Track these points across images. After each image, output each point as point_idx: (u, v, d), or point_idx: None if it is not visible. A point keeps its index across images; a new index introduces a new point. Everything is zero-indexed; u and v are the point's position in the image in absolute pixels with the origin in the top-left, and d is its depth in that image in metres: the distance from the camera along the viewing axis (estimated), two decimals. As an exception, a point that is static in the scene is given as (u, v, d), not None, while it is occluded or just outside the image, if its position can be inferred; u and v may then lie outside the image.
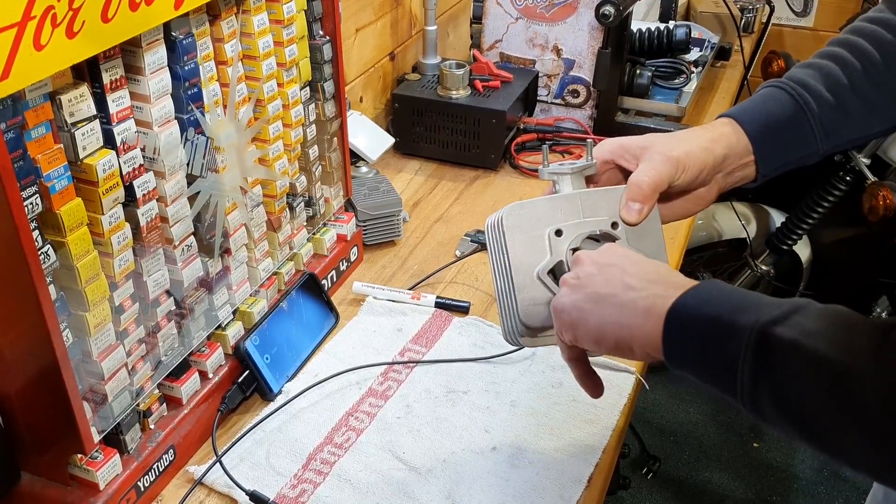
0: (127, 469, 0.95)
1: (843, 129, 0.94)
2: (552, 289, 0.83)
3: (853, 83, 0.93)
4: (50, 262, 0.80)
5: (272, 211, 1.16)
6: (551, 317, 0.82)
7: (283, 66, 1.12)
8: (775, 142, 0.92)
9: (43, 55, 0.73)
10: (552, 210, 0.86)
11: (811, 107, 0.92)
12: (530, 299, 0.84)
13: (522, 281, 0.84)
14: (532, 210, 0.86)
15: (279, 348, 1.16)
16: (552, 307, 0.81)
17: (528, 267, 0.84)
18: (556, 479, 1.02)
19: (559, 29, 1.74)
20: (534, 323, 0.84)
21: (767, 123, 0.92)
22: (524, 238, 0.85)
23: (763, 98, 0.94)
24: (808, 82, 0.93)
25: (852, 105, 0.93)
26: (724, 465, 2.53)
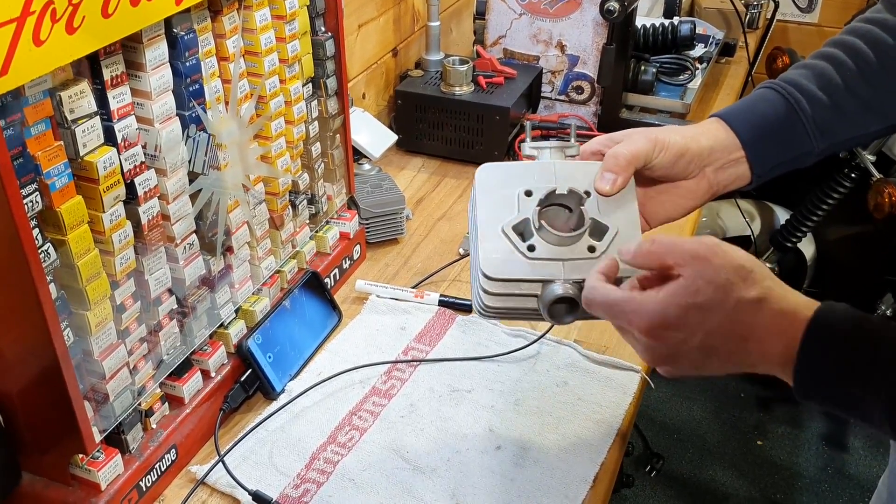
0: (129, 469, 0.94)
1: (838, 128, 0.93)
2: (516, 244, 0.82)
3: (847, 82, 0.92)
4: (50, 260, 0.79)
5: (274, 209, 1.15)
6: (512, 271, 0.81)
7: (285, 63, 1.11)
8: (767, 141, 0.91)
9: (42, 51, 0.72)
10: (526, 173, 0.86)
11: (802, 106, 0.91)
12: (492, 249, 0.82)
13: (487, 234, 0.83)
14: (505, 170, 0.86)
15: (282, 347, 1.15)
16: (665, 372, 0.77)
17: (494, 221, 0.83)
18: (561, 479, 1.01)
19: (563, 25, 1.73)
20: (493, 273, 0.81)
21: (756, 122, 0.91)
22: (494, 195, 0.85)
23: (753, 99, 0.94)
24: (800, 82, 0.93)
25: (847, 104, 0.92)
26: (728, 462, 2.52)
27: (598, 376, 1.16)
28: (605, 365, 1.17)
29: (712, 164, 0.90)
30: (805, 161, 0.94)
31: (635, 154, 0.84)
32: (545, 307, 0.81)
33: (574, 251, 0.82)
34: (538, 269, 0.82)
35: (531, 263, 0.82)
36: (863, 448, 2.57)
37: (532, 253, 0.82)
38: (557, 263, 0.81)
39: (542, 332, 1.22)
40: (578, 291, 0.80)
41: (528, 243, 0.82)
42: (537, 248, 0.82)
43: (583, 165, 0.87)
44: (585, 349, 1.20)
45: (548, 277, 0.81)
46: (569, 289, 0.81)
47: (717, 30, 2.14)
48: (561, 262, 0.81)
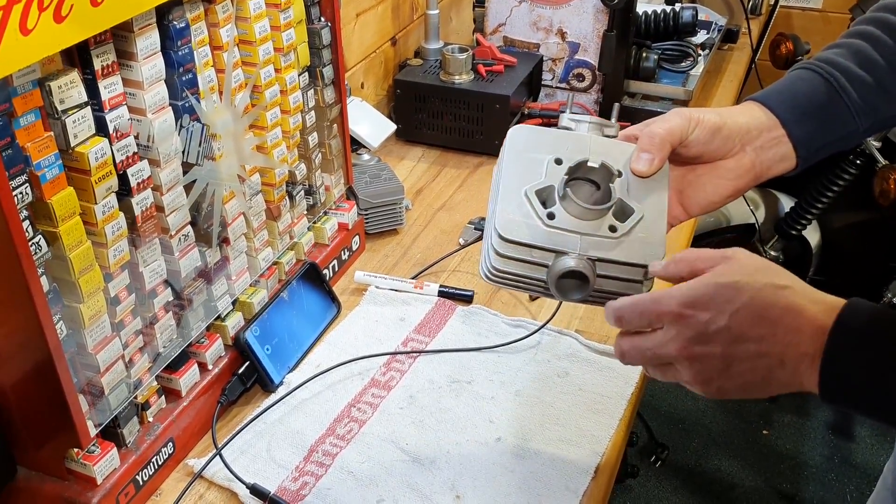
0: (125, 463, 0.94)
1: (881, 105, 0.90)
2: (536, 208, 0.79)
3: (886, 58, 0.89)
4: (42, 252, 0.78)
5: (271, 199, 1.14)
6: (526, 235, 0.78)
7: (280, 51, 1.10)
8: (808, 121, 0.88)
9: (30, 40, 0.70)
10: (559, 141, 0.83)
11: (842, 84, 0.88)
12: (511, 210, 0.79)
13: (508, 194, 0.80)
14: (540, 135, 0.84)
15: (280, 339, 1.14)
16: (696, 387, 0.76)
17: (517, 183, 0.80)
18: (563, 470, 1.00)
19: (564, 12, 1.72)
20: (507, 234, 0.78)
21: (795, 103, 0.88)
22: (523, 158, 0.82)
23: (790, 80, 0.91)
24: (837, 60, 0.90)
25: (888, 80, 0.89)
26: (734, 452, 2.51)
27: (599, 366, 1.15)
28: (607, 355, 1.16)
29: (752, 143, 0.87)
30: (851, 141, 0.91)
31: (670, 131, 0.82)
32: (554, 279, 0.79)
33: (594, 227, 0.79)
34: (554, 239, 0.78)
35: (548, 231, 0.79)
36: (869, 437, 2.56)
37: (551, 221, 0.79)
38: (575, 237, 0.79)
39: (543, 323, 1.21)
40: (591, 269, 0.78)
41: (549, 211, 0.79)
42: (557, 217, 0.79)
43: (619, 144, 0.84)
44: (587, 339, 1.19)
45: (562, 248, 0.78)
46: (582, 264, 0.78)
47: (719, 16, 2.12)
48: (578, 236, 0.79)
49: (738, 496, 2.38)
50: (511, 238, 0.79)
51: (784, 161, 0.89)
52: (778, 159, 0.88)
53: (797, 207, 2.62)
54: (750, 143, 0.87)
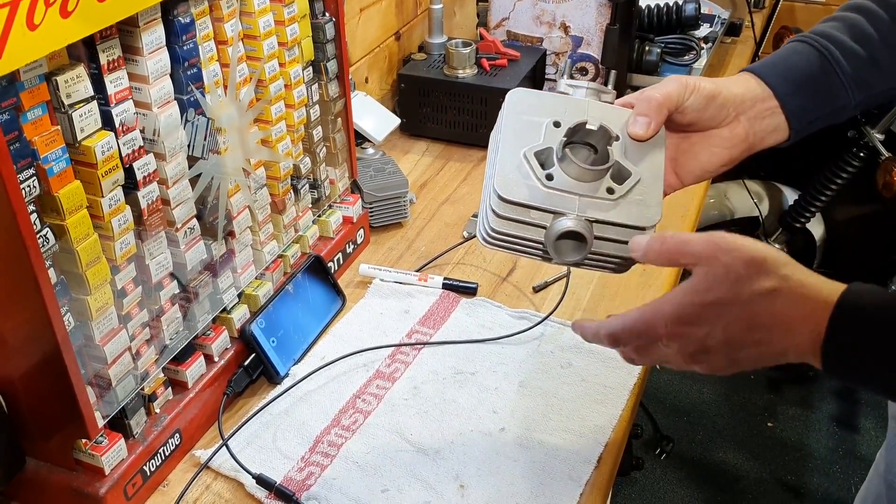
0: (132, 453, 0.95)
1: (874, 80, 0.90)
2: (534, 169, 0.80)
3: (881, 32, 0.90)
4: (49, 245, 0.79)
5: (276, 193, 1.15)
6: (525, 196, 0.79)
7: (284, 46, 1.11)
8: (802, 93, 0.89)
9: (37, 35, 0.71)
10: (557, 105, 0.84)
11: (836, 57, 0.89)
12: (509, 171, 0.80)
13: (507, 156, 0.81)
14: (537, 98, 0.84)
15: (285, 331, 1.15)
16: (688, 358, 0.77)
17: (516, 145, 0.81)
18: (566, 460, 1.01)
19: (567, 6, 1.72)
20: (506, 194, 0.79)
21: (789, 75, 0.89)
22: (522, 120, 0.83)
23: (785, 52, 0.92)
24: (832, 34, 0.90)
25: (881, 54, 0.90)
26: (738, 444, 2.51)
27: (602, 357, 1.15)
28: (610, 346, 1.17)
29: (746, 112, 0.88)
30: (842, 115, 0.91)
31: (667, 96, 0.83)
32: (552, 239, 0.79)
33: (592, 189, 0.79)
34: (552, 199, 0.79)
35: (546, 192, 0.79)
36: (873, 429, 2.56)
37: (549, 182, 0.79)
38: (573, 198, 0.79)
39: (547, 314, 1.21)
40: (589, 230, 0.78)
41: (547, 172, 0.79)
42: (555, 179, 0.79)
43: (616, 109, 0.85)
44: (590, 330, 1.19)
45: (560, 209, 0.79)
46: (580, 224, 0.78)
47: (722, 9, 2.12)
48: (577, 197, 0.79)
49: (743, 488, 2.39)
50: (509, 198, 0.79)
51: (777, 132, 0.90)
52: (771, 130, 0.89)
53: (801, 200, 2.63)
54: (744, 113, 0.88)
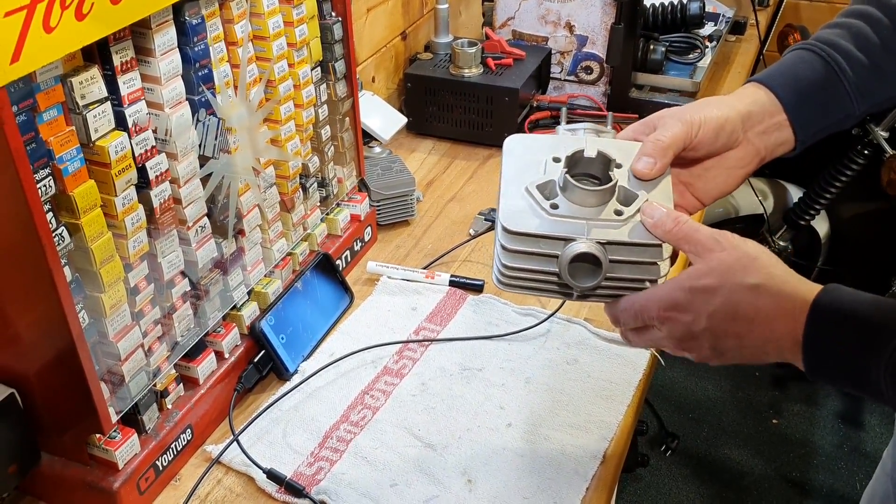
0: (145, 448, 0.96)
1: (878, 88, 0.91)
2: (539, 201, 0.79)
3: (884, 40, 0.90)
4: (64, 243, 0.81)
5: (285, 192, 1.17)
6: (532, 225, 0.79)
7: (293, 47, 1.12)
8: (809, 104, 0.89)
9: (53, 37, 0.73)
10: (556, 143, 0.84)
11: (843, 67, 0.89)
12: (514, 206, 0.80)
13: (510, 192, 0.81)
14: (535, 141, 0.86)
15: (294, 328, 1.16)
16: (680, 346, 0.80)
17: (519, 181, 0.81)
18: (572, 455, 1.02)
19: (572, 5, 1.73)
20: (512, 226, 0.79)
21: (797, 86, 0.89)
22: (522, 160, 0.83)
23: (791, 61, 0.91)
24: (838, 42, 0.90)
25: (885, 62, 0.90)
26: (744, 441, 2.52)
27: (608, 354, 1.17)
28: (615, 342, 1.18)
29: (754, 128, 0.88)
30: (846, 124, 0.92)
31: (674, 139, 0.83)
32: (565, 265, 0.78)
33: (598, 213, 0.79)
34: (560, 227, 0.78)
35: (553, 220, 0.79)
36: (878, 425, 2.57)
37: (555, 210, 0.79)
38: (581, 222, 0.78)
39: (553, 311, 1.23)
40: (603, 252, 0.78)
41: (552, 202, 0.79)
42: (560, 207, 0.79)
43: (616, 142, 0.85)
44: (596, 327, 1.21)
45: (570, 235, 0.78)
46: (592, 246, 0.77)
47: (726, 8, 2.13)
48: (584, 221, 0.79)
49: (748, 485, 2.40)
50: (517, 230, 0.79)
51: (784, 144, 0.90)
52: (779, 143, 0.90)
53: (806, 198, 2.63)
54: (752, 129, 0.88)
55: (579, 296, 0.82)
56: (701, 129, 0.85)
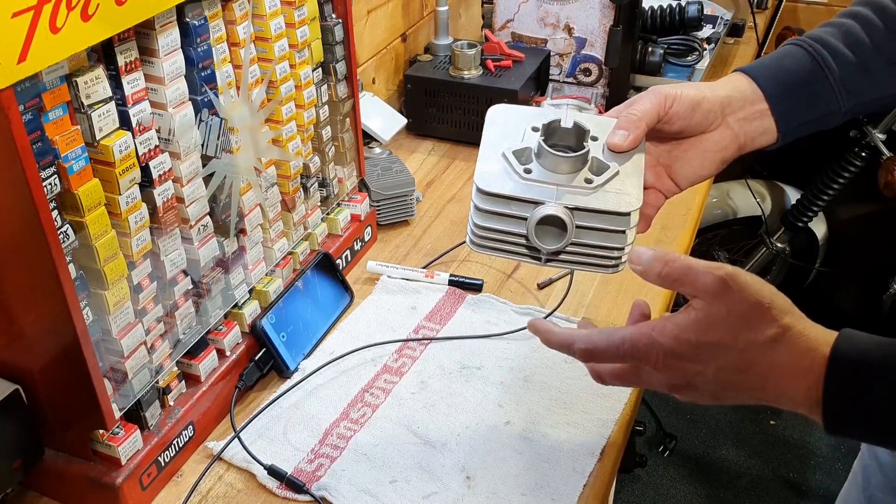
0: (147, 444, 0.97)
1: (865, 87, 0.91)
2: (513, 164, 0.82)
3: (875, 41, 0.91)
4: (69, 241, 0.82)
5: (286, 191, 1.18)
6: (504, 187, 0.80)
7: (294, 48, 1.13)
8: (792, 96, 0.90)
9: (59, 38, 0.74)
10: (537, 114, 0.86)
11: (829, 63, 0.90)
12: (490, 168, 0.82)
13: (487, 155, 0.83)
14: (518, 111, 0.88)
15: (295, 326, 1.17)
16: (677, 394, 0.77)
17: (496, 146, 0.84)
18: (569, 452, 1.03)
19: (571, 8, 1.74)
20: (485, 186, 0.81)
21: (781, 78, 0.90)
22: (503, 127, 0.86)
23: (778, 55, 0.93)
24: (827, 39, 0.91)
25: (874, 63, 0.90)
26: (741, 442, 2.53)
27: (605, 353, 1.17)
28: (613, 341, 1.19)
29: (734, 114, 0.89)
30: (832, 121, 0.92)
31: (646, 112, 0.84)
32: (533, 226, 0.80)
33: (569, 180, 0.81)
34: (531, 190, 0.81)
35: (525, 183, 0.81)
36: (875, 426, 2.57)
37: (528, 175, 0.81)
38: (551, 187, 0.81)
39: (551, 310, 1.24)
40: (570, 217, 0.80)
41: (525, 167, 0.82)
42: (533, 172, 0.81)
43: (594, 117, 0.87)
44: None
45: (539, 198, 0.81)
46: (559, 209, 0.80)
47: (725, 10, 2.15)
48: (555, 187, 0.81)
49: (746, 485, 2.41)
50: (489, 190, 0.81)
51: (765, 135, 0.90)
52: (760, 132, 0.90)
53: (803, 199, 2.64)
54: (732, 115, 0.89)
55: (547, 260, 0.84)
56: (675, 103, 0.85)
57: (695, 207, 1.52)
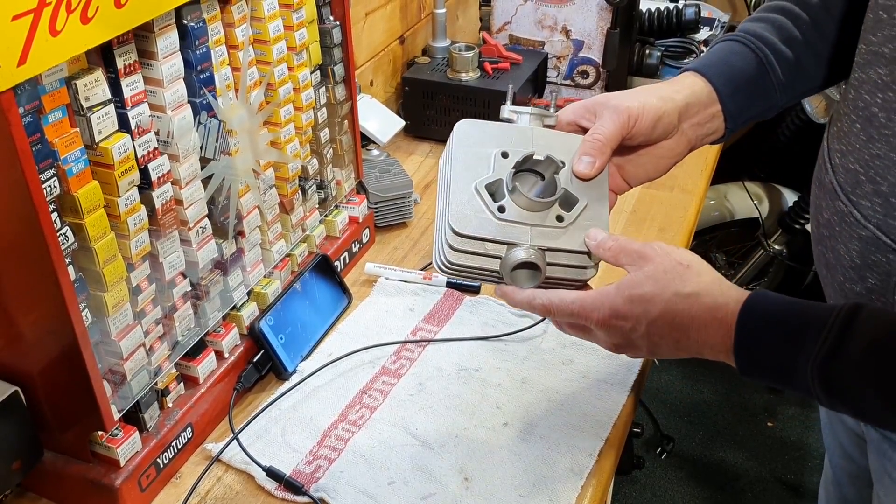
0: (146, 446, 0.97)
1: (798, 82, 0.96)
2: (487, 202, 0.82)
3: (804, 35, 0.95)
4: (68, 243, 0.82)
5: (284, 193, 1.18)
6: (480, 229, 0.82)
7: (293, 50, 1.14)
8: (741, 94, 0.93)
9: (58, 41, 0.74)
10: (504, 134, 0.86)
11: (771, 60, 0.93)
12: (463, 205, 0.82)
13: (459, 189, 0.83)
14: (484, 128, 0.87)
15: (293, 328, 1.18)
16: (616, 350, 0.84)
17: (468, 178, 0.84)
18: (567, 453, 1.03)
19: (568, 10, 1.75)
20: (461, 228, 0.81)
21: (731, 76, 0.92)
22: (470, 152, 0.85)
23: (724, 52, 0.95)
24: (765, 36, 0.94)
25: (806, 57, 0.95)
26: (739, 444, 2.54)
27: (602, 354, 1.18)
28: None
29: (689, 120, 0.91)
30: (768, 114, 0.97)
31: (610, 136, 0.85)
32: (508, 270, 0.82)
33: (543, 218, 0.83)
34: (506, 231, 0.82)
35: (500, 224, 0.82)
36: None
37: (502, 214, 0.82)
38: (525, 228, 0.82)
39: (548, 312, 1.24)
40: (542, 258, 0.82)
41: (499, 204, 0.82)
42: (507, 210, 0.82)
43: (560, 136, 0.88)
44: (591, 328, 1.22)
45: (514, 241, 0.82)
46: (532, 254, 0.82)
47: (722, 13, 2.15)
48: (529, 227, 0.82)
49: (743, 487, 2.41)
50: (465, 233, 0.82)
51: (714, 134, 0.94)
52: (710, 133, 0.94)
53: (801, 201, 2.65)
54: (687, 120, 0.91)
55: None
56: (638, 122, 0.87)
57: (692, 210, 1.52)
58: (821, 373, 0.71)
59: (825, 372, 0.71)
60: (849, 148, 0.86)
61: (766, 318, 0.75)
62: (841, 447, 1.18)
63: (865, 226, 0.84)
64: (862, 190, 0.84)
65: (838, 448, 1.19)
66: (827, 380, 0.71)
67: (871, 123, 0.82)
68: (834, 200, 0.89)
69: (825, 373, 0.71)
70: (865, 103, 0.84)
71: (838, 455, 1.20)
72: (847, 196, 0.86)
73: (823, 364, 0.70)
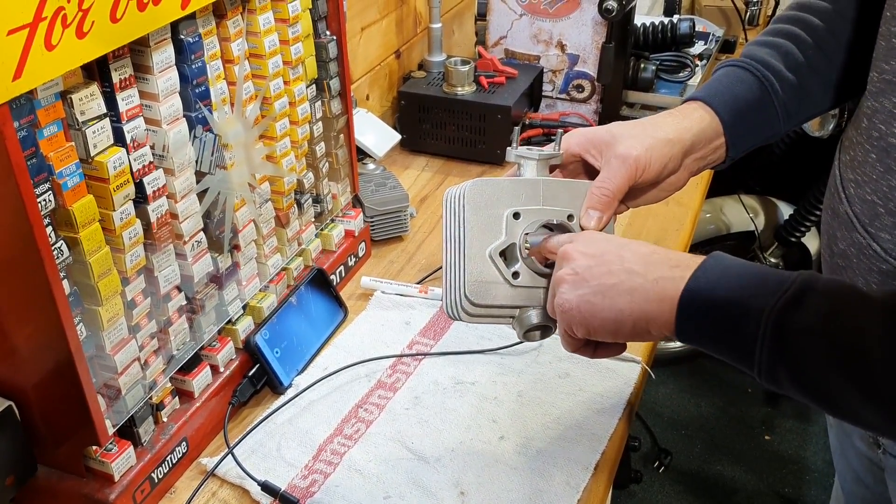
0: (141, 461, 0.97)
1: (802, 108, 0.95)
2: (501, 270, 0.84)
3: (808, 59, 0.94)
4: (63, 257, 0.82)
5: (280, 207, 1.18)
6: (496, 297, 0.84)
7: (288, 65, 1.14)
8: (744, 124, 0.92)
9: (54, 55, 0.74)
10: (514, 192, 0.87)
11: (775, 87, 0.93)
12: (478, 274, 0.84)
13: (473, 256, 0.84)
14: (495, 188, 0.87)
15: (289, 342, 1.17)
16: (557, 308, 0.80)
17: (481, 244, 0.85)
18: (563, 467, 1.03)
19: (563, 24, 1.75)
20: (477, 299, 0.84)
21: (736, 106, 0.92)
22: (482, 215, 0.86)
23: (730, 80, 0.94)
24: (770, 62, 0.93)
25: (811, 83, 0.94)
26: (736, 457, 2.53)
27: (599, 368, 1.18)
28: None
29: (693, 155, 0.91)
30: (770, 141, 0.96)
31: (617, 191, 0.86)
32: (521, 331, 0.86)
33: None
34: (520, 296, 0.85)
35: (514, 292, 0.85)
36: (869, 441, 2.57)
37: (516, 280, 0.84)
38: (539, 291, 0.85)
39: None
40: (553, 319, 0.84)
41: (513, 270, 0.84)
42: (521, 276, 0.84)
43: (567, 184, 0.88)
44: (587, 341, 1.22)
45: (528, 304, 0.85)
46: (546, 317, 0.84)
47: (716, 27, 2.16)
48: (542, 290, 0.85)
49: (741, 500, 2.41)
50: (482, 303, 0.84)
51: (714, 162, 0.95)
52: (711, 163, 0.94)
53: (796, 214, 2.65)
54: (691, 155, 0.91)
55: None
56: (646, 171, 0.87)
57: (688, 223, 1.52)
58: (777, 319, 0.66)
59: (781, 320, 0.66)
60: (865, 178, 0.85)
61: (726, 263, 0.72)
62: (853, 472, 1.15)
63: (886, 259, 0.82)
64: (881, 222, 0.82)
65: (850, 473, 1.16)
66: (780, 328, 0.66)
67: (889, 155, 0.81)
68: (850, 232, 0.87)
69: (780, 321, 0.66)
70: (881, 133, 0.82)
71: (850, 481, 1.17)
72: (865, 228, 0.85)
73: (783, 311, 0.66)
